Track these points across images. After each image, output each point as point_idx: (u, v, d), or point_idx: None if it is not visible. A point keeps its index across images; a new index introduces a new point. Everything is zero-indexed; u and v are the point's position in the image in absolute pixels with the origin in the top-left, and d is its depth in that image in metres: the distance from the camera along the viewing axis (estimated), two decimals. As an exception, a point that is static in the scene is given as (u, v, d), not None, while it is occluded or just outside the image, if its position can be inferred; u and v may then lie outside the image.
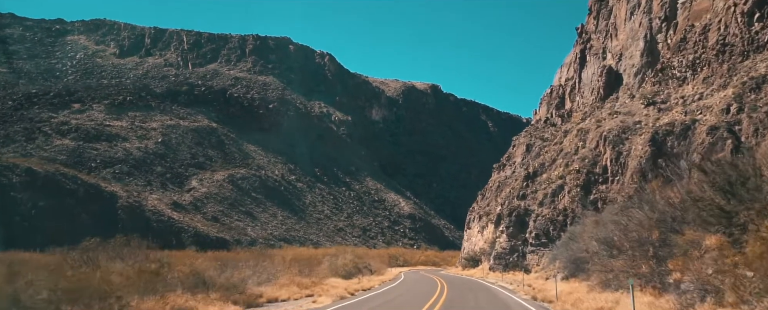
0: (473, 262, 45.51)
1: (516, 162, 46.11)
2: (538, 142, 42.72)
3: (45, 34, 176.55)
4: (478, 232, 46.83)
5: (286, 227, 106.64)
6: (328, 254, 35.25)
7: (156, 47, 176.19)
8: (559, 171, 36.32)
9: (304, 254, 39.11)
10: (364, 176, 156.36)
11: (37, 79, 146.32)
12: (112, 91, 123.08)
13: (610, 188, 31.33)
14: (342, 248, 51.39)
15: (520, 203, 36.98)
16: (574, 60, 47.72)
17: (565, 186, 35.24)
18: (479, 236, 45.77)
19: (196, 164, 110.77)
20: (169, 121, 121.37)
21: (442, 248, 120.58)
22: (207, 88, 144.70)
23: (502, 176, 47.91)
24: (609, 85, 40.83)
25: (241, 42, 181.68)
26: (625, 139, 31.74)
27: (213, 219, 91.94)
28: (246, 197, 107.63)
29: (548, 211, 34.88)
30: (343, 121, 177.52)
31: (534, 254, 34.77)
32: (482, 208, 48.82)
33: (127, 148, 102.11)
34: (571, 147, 37.36)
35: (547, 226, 34.82)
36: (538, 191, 36.87)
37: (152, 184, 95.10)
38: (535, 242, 35.10)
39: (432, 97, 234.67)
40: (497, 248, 36.78)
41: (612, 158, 32.14)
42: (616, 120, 34.23)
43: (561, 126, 42.80)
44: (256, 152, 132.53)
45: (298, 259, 33.00)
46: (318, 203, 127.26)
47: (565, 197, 34.08)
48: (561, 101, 48.52)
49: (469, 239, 51.75)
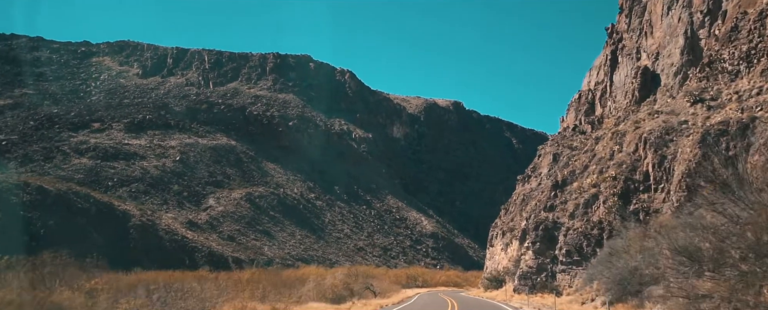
0: (496, 283, 41.82)
1: (542, 173, 42.48)
2: (566, 152, 39.04)
3: (71, 56, 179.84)
4: (501, 250, 43.05)
5: (304, 246, 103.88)
6: (319, 274, 30.61)
7: (178, 67, 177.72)
8: (592, 179, 32.63)
9: (288, 274, 35.08)
10: (385, 194, 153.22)
11: (62, 100, 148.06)
12: (131, 111, 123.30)
13: (654, 197, 27.62)
14: (348, 268, 48.30)
15: (547, 215, 33.18)
16: (604, 62, 44.16)
17: (599, 195, 31.37)
18: (502, 254, 42.01)
19: (213, 183, 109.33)
20: (188, 139, 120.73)
21: (467, 268, 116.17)
22: (226, 106, 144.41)
23: (526, 188, 44.21)
24: (645, 86, 37.25)
25: (261, 60, 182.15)
26: (670, 141, 28.10)
27: (229, 238, 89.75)
28: (263, 216, 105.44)
29: (581, 224, 31.06)
30: (364, 139, 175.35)
31: (565, 274, 31.06)
32: (505, 223, 45.11)
33: (145, 166, 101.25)
34: (606, 152, 33.54)
35: (579, 241, 30.95)
36: (569, 201, 33.13)
37: (168, 202, 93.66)
38: (566, 259, 31.32)
39: (454, 113, 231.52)
40: (522, 266, 33.02)
41: (654, 162, 28.41)
42: (658, 120, 30.44)
43: (591, 133, 39.06)
44: (275, 170, 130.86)
45: (275, 279, 29.78)
46: (337, 221, 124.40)
47: (600, 207, 30.31)
48: (591, 107, 44.84)
49: (491, 257, 47.91)
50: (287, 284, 28.21)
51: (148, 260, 66.80)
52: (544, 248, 32.68)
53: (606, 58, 43.88)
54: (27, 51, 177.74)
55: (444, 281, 73.90)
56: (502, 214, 50.87)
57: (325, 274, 29.89)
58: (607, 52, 43.83)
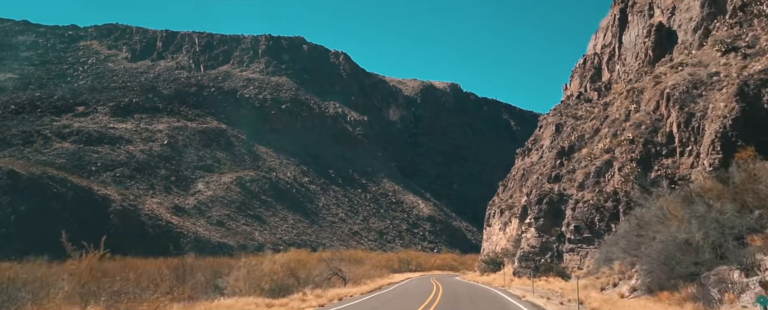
0: (494, 265, 38.49)
1: (544, 146, 38.88)
2: (570, 122, 35.29)
3: (58, 40, 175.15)
4: (499, 229, 39.78)
5: (297, 231, 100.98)
6: (260, 260, 24.84)
7: (167, 50, 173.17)
8: (604, 143, 28.72)
9: (223, 262, 29.80)
10: (381, 177, 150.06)
11: (48, 84, 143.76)
12: (117, 94, 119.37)
13: (680, 162, 24.03)
14: (331, 252, 44.92)
15: (552, 186, 29.64)
16: (612, 23, 40.18)
17: (614, 162, 27.74)
18: (501, 234, 38.79)
19: (203, 167, 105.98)
20: (177, 122, 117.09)
21: (464, 251, 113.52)
22: (217, 89, 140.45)
23: (527, 162, 40.65)
24: (659, 45, 33.52)
25: (253, 43, 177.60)
26: (698, 96, 24.44)
27: (218, 223, 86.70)
28: (255, 200, 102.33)
29: (592, 195, 27.34)
30: (359, 122, 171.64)
31: (574, 254, 27.42)
32: (504, 200, 41.69)
33: (131, 150, 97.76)
34: (620, 112, 29.54)
35: (590, 215, 27.10)
36: (577, 170, 29.71)
37: (155, 187, 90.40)
38: (575, 237, 27.63)
39: (451, 96, 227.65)
40: (523, 246, 29.46)
41: (680, 122, 24.69)
42: (682, 74, 26.58)
43: (598, 100, 35.38)
44: (267, 154, 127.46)
45: (212, 265, 26.14)
46: (332, 205, 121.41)
47: (614, 176, 26.81)
48: (597, 72, 40.88)
49: (489, 238, 44.53)
50: (219, 274, 24.24)
51: (128, 246, 63.54)
52: (549, 225, 29.04)
53: (614, 18, 39.88)
54: (12, 35, 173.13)
55: (439, 265, 70.62)
56: (500, 191, 47.34)
57: (263, 260, 24.62)
58: (615, 12, 39.78)
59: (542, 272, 27.55)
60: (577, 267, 26.77)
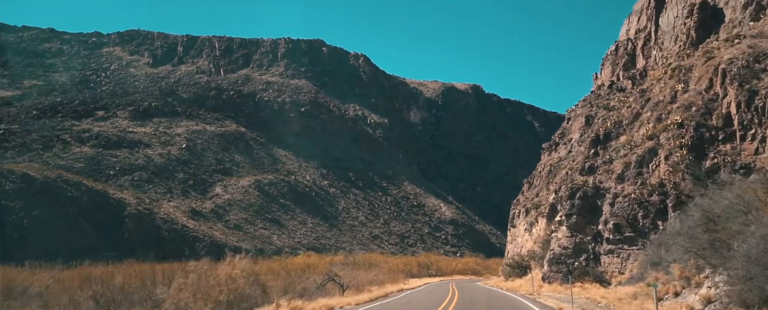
0: (519, 269, 35.47)
1: (573, 139, 35.77)
2: (602, 113, 32.09)
3: (82, 47, 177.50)
4: (524, 230, 36.89)
5: (316, 234, 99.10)
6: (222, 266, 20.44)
7: (188, 55, 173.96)
8: (647, 129, 25.28)
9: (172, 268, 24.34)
10: (402, 180, 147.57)
11: (71, 91, 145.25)
12: (137, 98, 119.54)
13: (741, 148, 20.79)
14: (344, 255, 42.56)
15: (586, 179, 26.44)
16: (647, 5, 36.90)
17: (659, 150, 24.17)
18: (526, 236, 35.95)
19: (221, 170, 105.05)
20: (195, 126, 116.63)
21: (488, 255, 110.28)
22: (236, 92, 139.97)
23: (554, 157, 37.54)
24: (703, 25, 30.16)
25: (273, 46, 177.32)
26: (762, 71, 21.25)
27: (235, 227, 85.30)
28: (273, 204, 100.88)
29: (633, 188, 24.03)
30: (380, 124, 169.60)
31: (613, 255, 24.06)
32: (529, 199, 38.67)
33: (149, 154, 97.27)
34: (665, 93, 25.94)
35: (632, 211, 23.61)
36: (615, 160, 26.42)
37: (173, 191, 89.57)
38: (615, 236, 24.16)
39: (473, 97, 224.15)
40: (554, 248, 25.88)
41: (740, 101, 21.55)
42: (740, 47, 23.32)
43: (633, 89, 32.05)
44: (286, 157, 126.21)
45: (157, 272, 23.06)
46: (352, 209, 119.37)
47: (660, 165, 23.52)
48: (630, 59, 37.47)
49: (513, 240, 41.47)
50: (162, 281, 20.90)
51: (143, 250, 62.41)
52: (583, 223, 25.50)
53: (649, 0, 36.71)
54: (38, 43, 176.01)
55: (461, 270, 67.70)
56: (524, 189, 44.22)
57: (223, 264, 20.55)
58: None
59: (576, 276, 24.06)
60: (617, 271, 23.54)
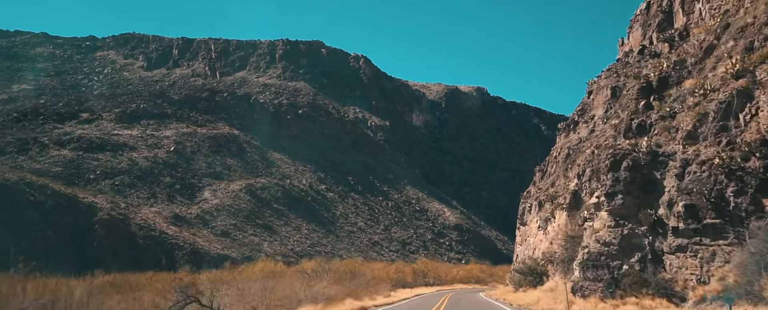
0: (533, 276, 28.69)
1: (596, 116, 29.68)
2: (631, 83, 25.62)
3: (75, 51, 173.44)
4: (538, 228, 31.05)
5: (311, 241, 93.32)
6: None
7: (183, 58, 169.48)
8: (729, 64, 17.46)
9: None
10: (404, 184, 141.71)
11: (62, 95, 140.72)
12: (125, 100, 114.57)
13: None
14: (315, 261, 36.70)
15: (634, 142, 18.40)
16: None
17: (755, 91, 16.49)
18: (540, 235, 30.23)
19: (211, 174, 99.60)
20: (186, 129, 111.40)
21: (495, 262, 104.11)
22: (230, 93, 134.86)
23: (573, 139, 31.25)
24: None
25: (270, 48, 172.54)
26: None
27: (222, 234, 79.65)
28: (266, 209, 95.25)
29: (715, 151, 16.11)
30: (381, 127, 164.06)
31: (686, 255, 15.97)
32: (542, 190, 32.66)
33: (134, 157, 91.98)
34: (756, 13, 18.68)
35: (715, 185, 15.83)
36: (680, 113, 18.37)
37: (157, 196, 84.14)
38: (688, 225, 16.05)
39: (478, 100, 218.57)
40: (589, 245, 17.57)
41: None
42: None
43: (670, 54, 25.48)
44: (281, 161, 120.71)
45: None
46: (350, 214, 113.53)
47: (759, 113, 15.87)
48: (666, 18, 30.99)
49: (524, 240, 35.35)
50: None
51: (114, 259, 56.84)
52: (633, 206, 17.30)
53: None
54: (30, 47, 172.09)
55: (463, 278, 61.43)
56: (536, 178, 38.05)
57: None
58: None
59: (628, 288, 16.21)
60: (695, 279, 15.73)
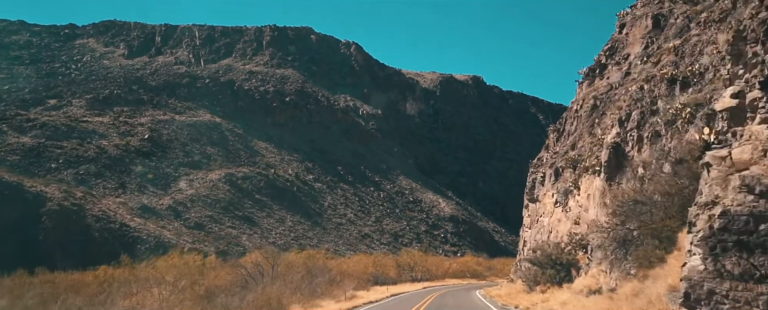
0: (556, 268, 21.56)
1: (631, 55, 23.22)
2: (680, 8, 19.09)
3: (53, 39, 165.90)
4: (554, 204, 24.28)
5: (295, 234, 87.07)
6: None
7: (167, 45, 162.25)
8: None
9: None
10: (397, 174, 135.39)
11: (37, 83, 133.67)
12: (97, 86, 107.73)
13: None
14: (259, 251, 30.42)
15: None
16: None
17: None
18: (558, 212, 23.66)
19: (189, 163, 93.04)
20: (163, 116, 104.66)
21: (492, 254, 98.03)
22: (212, 80, 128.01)
23: (600, 86, 24.46)
24: None
25: (257, 34, 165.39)
26: None
27: (196, 226, 73.31)
28: (247, 200, 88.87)
29: None
30: (373, 116, 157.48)
31: None
32: (560, 154, 26.20)
33: (103, 146, 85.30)
34: None
35: None
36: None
37: (127, 186, 77.64)
38: None
39: (474, 89, 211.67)
40: (729, 201, 7.94)
41: None
42: None
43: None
44: (266, 150, 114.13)
45: None
46: (339, 205, 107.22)
47: None
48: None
49: (534, 221, 28.45)
50: None
51: (63, 254, 50.43)
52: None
53: None
54: (5, 35, 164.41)
55: (457, 271, 54.79)
56: (550, 141, 30.87)
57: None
58: None
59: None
60: None
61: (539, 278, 22.51)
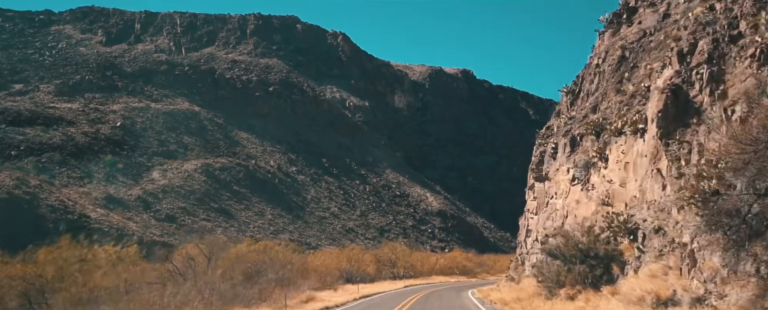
0: (590, 264, 16.11)
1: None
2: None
3: (27, 25, 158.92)
4: (571, 181, 19.55)
5: (275, 227, 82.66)
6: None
7: (146, 32, 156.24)
8: None
9: None
10: (384, 167, 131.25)
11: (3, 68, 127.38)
12: (68, 71, 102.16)
13: None
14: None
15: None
16: None
17: None
18: (577, 191, 18.79)
19: (163, 153, 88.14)
20: (138, 103, 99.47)
21: (481, 251, 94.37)
22: (191, 67, 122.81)
23: (629, 34, 19.73)
24: None
25: (241, 22, 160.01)
26: None
27: (167, 218, 68.61)
28: (224, 191, 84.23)
29: None
30: (360, 107, 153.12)
31: None
32: (577, 119, 21.35)
33: (71, 133, 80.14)
34: None
35: None
36: None
37: (94, 175, 72.65)
38: None
39: (463, 82, 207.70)
40: None
41: None
42: None
43: None
44: (248, 140, 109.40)
45: None
46: (323, 198, 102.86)
47: None
48: None
49: (543, 205, 23.12)
50: None
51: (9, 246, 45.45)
52: None
53: None
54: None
55: (444, 268, 50.30)
56: (562, 106, 25.92)
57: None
58: None
59: None
60: None
61: (563, 278, 16.79)
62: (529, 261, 22.95)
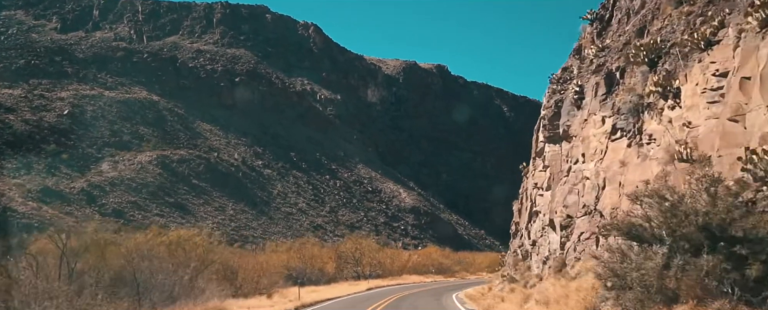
0: (713, 251, 7.65)
1: None
2: None
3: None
4: (612, 133, 13.26)
5: (236, 223, 76.97)
6: None
7: (105, 20, 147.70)
8: None
9: None
10: (356, 162, 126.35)
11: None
12: (11, 55, 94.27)
13: None
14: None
15: None
16: None
17: None
18: (624, 148, 12.47)
19: (116, 144, 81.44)
20: (90, 91, 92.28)
21: (456, 248, 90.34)
22: (151, 55, 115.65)
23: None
24: None
25: (207, 11, 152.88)
26: None
27: (114, 213, 62.31)
28: (181, 185, 78.13)
29: None
30: (331, 101, 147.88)
31: None
32: (615, 51, 14.04)
33: (9, 121, 72.91)
34: None
35: None
36: None
37: (33, 166, 65.78)
38: None
39: (438, 77, 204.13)
40: None
41: None
42: None
43: None
44: (210, 132, 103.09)
45: None
46: (291, 193, 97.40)
47: None
48: None
49: (558, 175, 16.46)
50: None
51: None
52: None
53: None
54: None
55: (417, 266, 45.43)
56: (585, 38, 18.87)
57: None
58: None
59: None
60: None
61: (669, 281, 8.60)
62: (537, 254, 17.85)
